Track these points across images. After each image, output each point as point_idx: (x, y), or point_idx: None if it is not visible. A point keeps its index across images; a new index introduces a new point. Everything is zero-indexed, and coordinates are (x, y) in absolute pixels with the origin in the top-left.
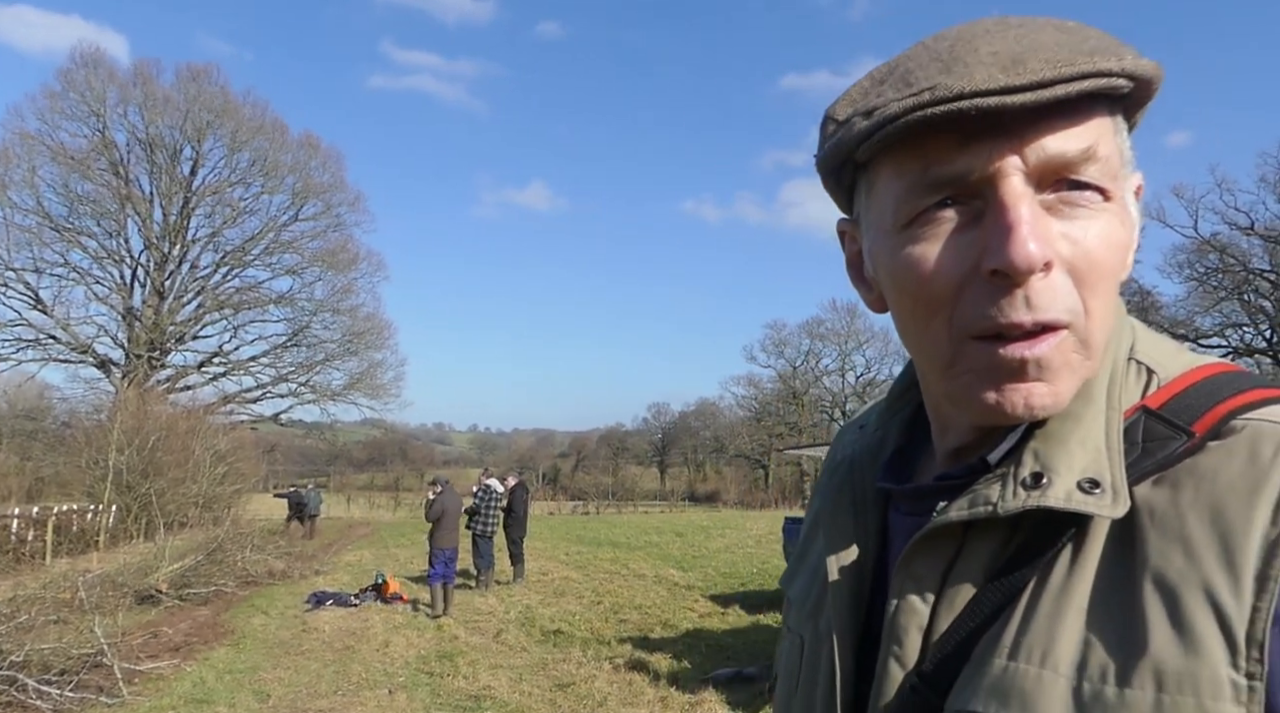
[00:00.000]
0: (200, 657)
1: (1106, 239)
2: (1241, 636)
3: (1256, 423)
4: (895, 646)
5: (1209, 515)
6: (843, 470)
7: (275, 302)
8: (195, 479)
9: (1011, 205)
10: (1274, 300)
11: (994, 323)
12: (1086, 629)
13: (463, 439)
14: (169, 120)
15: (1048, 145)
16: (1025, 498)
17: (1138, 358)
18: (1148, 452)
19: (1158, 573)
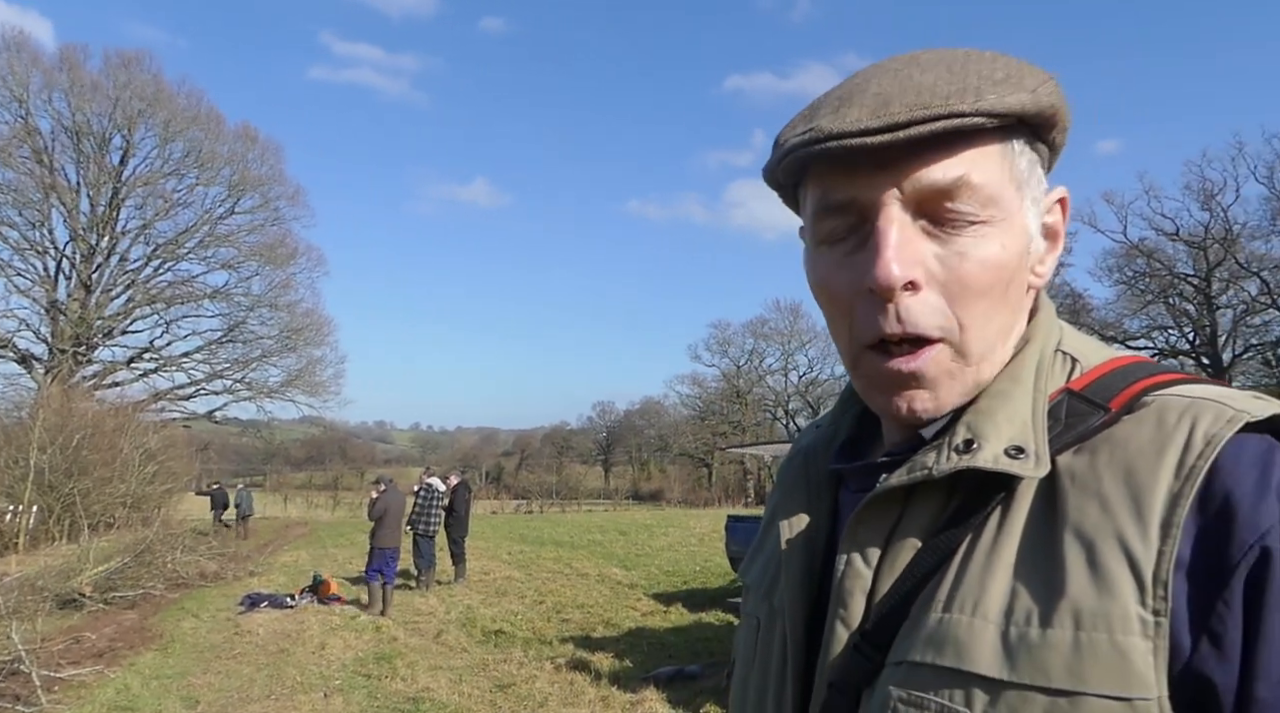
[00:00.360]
0: (126, 663)
1: (980, 261)
2: (1149, 577)
3: (1165, 397)
4: (841, 609)
5: (1122, 475)
6: (798, 460)
7: (210, 296)
8: (123, 479)
9: (882, 231)
10: (1196, 304)
11: (875, 333)
12: (1014, 580)
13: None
14: (97, 108)
15: (920, 177)
16: (957, 460)
17: (1064, 350)
18: (1070, 426)
19: (1077, 526)
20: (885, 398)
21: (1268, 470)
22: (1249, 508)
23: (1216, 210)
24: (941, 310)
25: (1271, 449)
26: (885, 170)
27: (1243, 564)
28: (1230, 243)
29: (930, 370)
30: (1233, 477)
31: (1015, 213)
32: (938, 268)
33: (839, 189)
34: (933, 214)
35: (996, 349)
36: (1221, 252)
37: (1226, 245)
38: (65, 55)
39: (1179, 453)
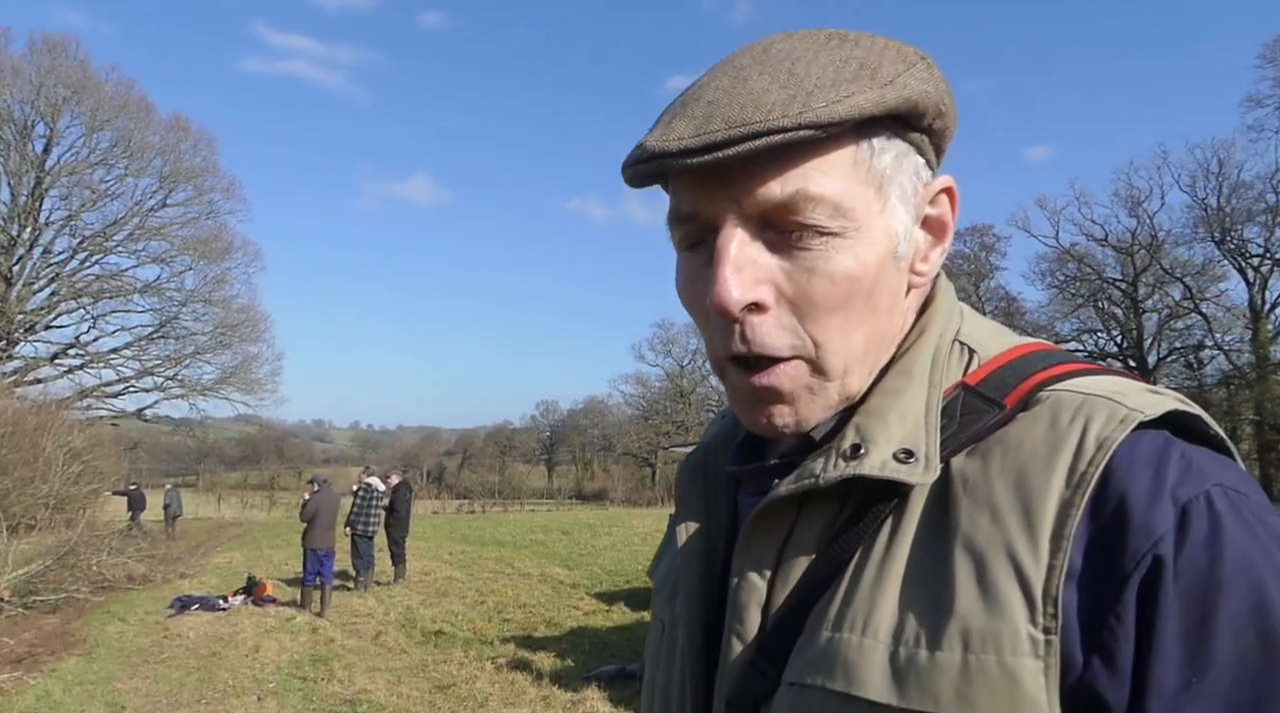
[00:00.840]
0: (46, 668)
1: (830, 277)
2: (1039, 593)
3: (1059, 392)
4: (736, 623)
5: (1013, 481)
6: (696, 456)
7: (140, 291)
8: (45, 479)
9: (720, 250)
10: (1124, 308)
11: (726, 350)
12: (904, 596)
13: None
14: (19, 94)
15: (756, 193)
16: (844, 467)
17: (961, 340)
18: (964, 425)
19: (967, 538)
20: (746, 411)
21: (1161, 471)
22: (1141, 514)
23: (1143, 217)
24: (792, 329)
25: (1166, 447)
26: (721, 186)
27: (1135, 575)
28: (1156, 249)
29: (787, 386)
30: (1126, 480)
31: (873, 218)
32: (786, 284)
33: (681, 202)
34: (778, 227)
35: (864, 361)
36: (1147, 257)
37: (1152, 251)
38: None
39: (1070, 458)
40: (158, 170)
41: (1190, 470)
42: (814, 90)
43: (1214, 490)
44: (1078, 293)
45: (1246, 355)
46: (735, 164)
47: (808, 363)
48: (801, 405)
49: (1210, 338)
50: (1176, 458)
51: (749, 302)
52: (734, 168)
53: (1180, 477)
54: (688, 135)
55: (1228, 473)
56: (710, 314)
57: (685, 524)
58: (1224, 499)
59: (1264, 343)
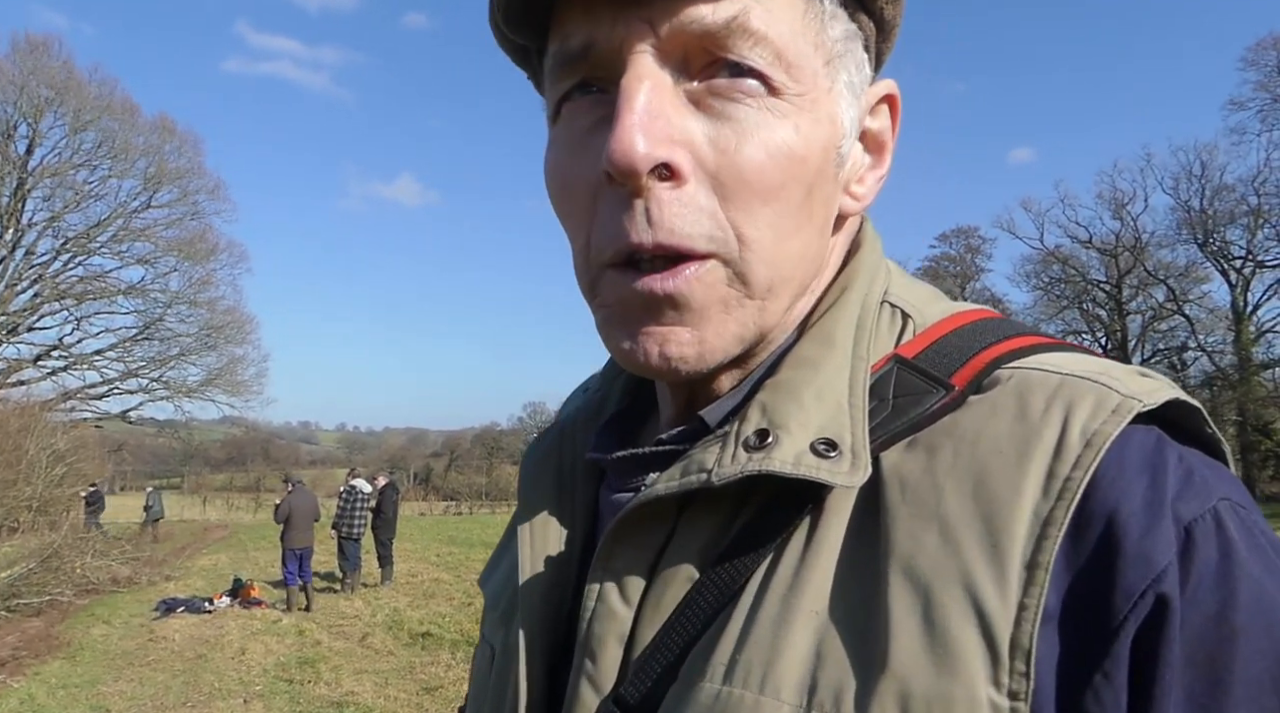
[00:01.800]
0: (30, 672)
1: (768, 145)
2: (1006, 642)
3: (1025, 371)
4: (589, 661)
5: (970, 487)
6: (549, 438)
7: (124, 292)
8: (29, 481)
9: (627, 89)
10: (1108, 310)
11: (617, 243)
12: (819, 639)
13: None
14: (1, 94)
15: (681, 12)
16: (746, 461)
17: (891, 301)
18: (899, 409)
19: (908, 562)
20: (629, 337)
21: (1159, 479)
22: (1139, 537)
23: (1127, 219)
24: (711, 213)
25: (1161, 448)
26: (635, 3)
27: (1130, 620)
28: (1139, 251)
29: (697, 295)
30: (1116, 490)
31: (822, 93)
32: (708, 151)
33: (576, 31)
34: (703, 72)
35: (791, 283)
36: (1131, 259)
37: (1136, 253)
38: None
39: (1049, 459)
40: (142, 171)
41: (1193, 480)
42: None
43: (1222, 507)
44: (1062, 295)
45: (1229, 357)
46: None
47: (726, 266)
48: (710, 329)
49: (1194, 339)
50: (1175, 463)
51: (660, 159)
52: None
53: (1181, 488)
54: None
55: (1232, 485)
56: (598, 193)
57: (529, 525)
58: (1234, 519)
59: (1246, 344)
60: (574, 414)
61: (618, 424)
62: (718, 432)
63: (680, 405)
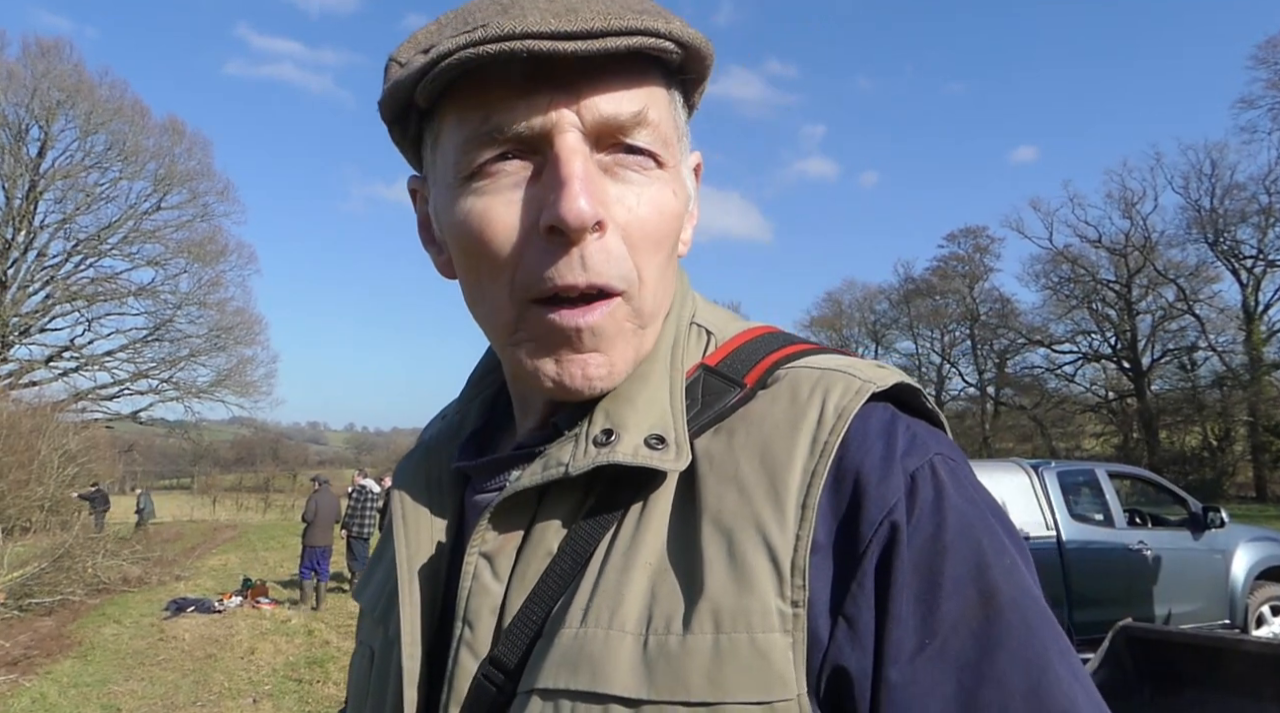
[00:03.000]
0: (42, 671)
1: (659, 206)
2: (788, 565)
3: (796, 370)
4: (467, 631)
5: (758, 455)
6: (416, 456)
7: (135, 294)
8: (41, 481)
9: (566, 160)
10: (1118, 310)
11: (551, 284)
12: (653, 583)
13: (338, 439)
14: (13, 97)
15: (601, 104)
16: (595, 455)
17: (698, 322)
18: (707, 405)
19: (715, 515)
20: (555, 364)
21: (891, 440)
22: (877, 482)
23: (1136, 219)
24: (623, 258)
25: (894, 419)
26: (564, 92)
27: (874, 543)
28: (1149, 251)
29: (608, 327)
30: (861, 450)
31: (680, 163)
32: (619, 210)
33: (507, 109)
34: (611, 150)
35: (660, 313)
36: (1141, 259)
37: (1145, 253)
38: None
39: (813, 429)
40: (152, 173)
41: (916, 441)
42: (657, 9)
43: (936, 460)
44: (1071, 294)
45: (1240, 357)
46: (585, 69)
47: (629, 303)
48: (617, 353)
49: (1204, 339)
50: (903, 430)
51: (598, 217)
52: (581, 75)
53: (908, 447)
54: (553, 22)
55: (944, 444)
56: (528, 241)
57: (404, 531)
58: (945, 467)
59: (1257, 344)
60: (436, 435)
61: (476, 440)
62: (569, 434)
63: (543, 416)
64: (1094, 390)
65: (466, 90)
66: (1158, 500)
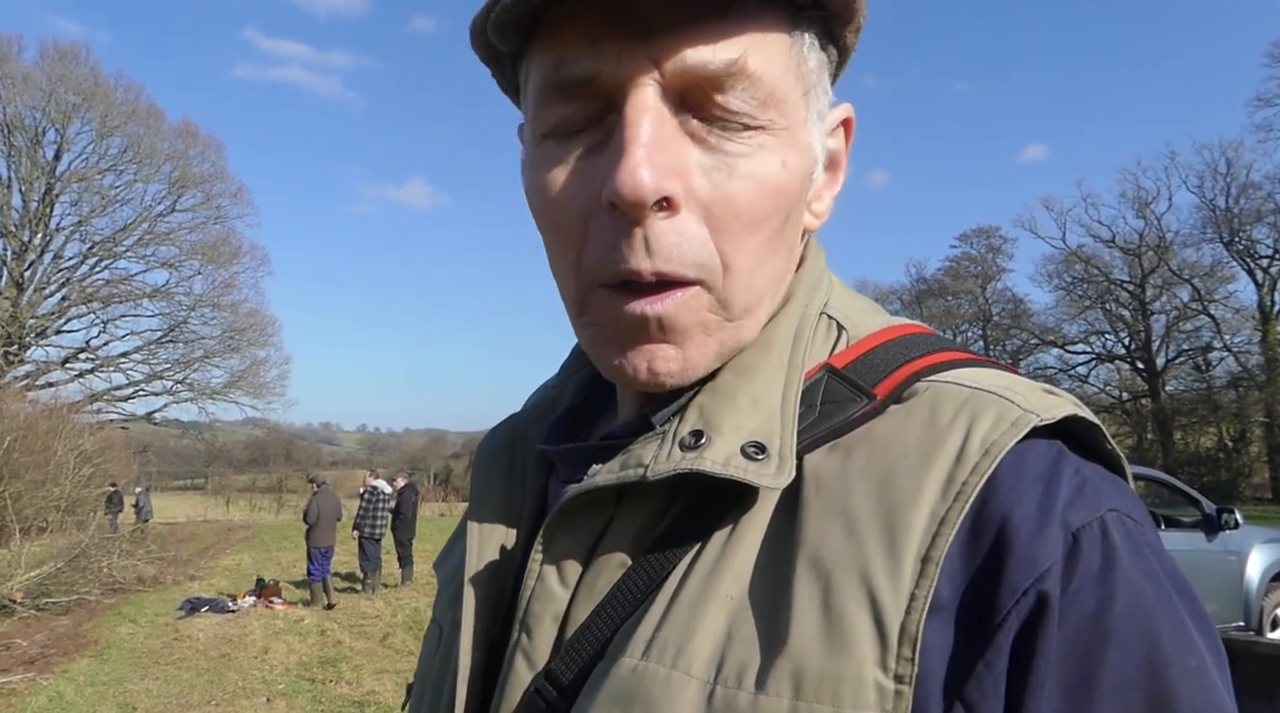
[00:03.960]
0: (59, 669)
1: (757, 180)
2: (894, 629)
3: (940, 385)
4: (526, 637)
5: (877, 486)
6: (503, 432)
7: (150, 296)
8: (57, 481)
9: (631, 122)
10: (1132, 310)
11: (614, 268)
12: (731, 621)
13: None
14: (30, 101)
15: (687, 54)
16: (680, 459)
17: (830, 313)
18: (825, 415)
19: (814, 553)
20: (619, 353)
21: (1052, 489)
22: (1026, 540)
23: (1151, 218)
24: (702, 242)
25: (1059, 460)
26: (642, 40)
27: (1013, 615)
28: (1163, 250)
29: (682, 318)
30: (1012, 497)
31: (800, 124)
32: (701, 183)
33: (578, 59)
34: (699, 109)
35: (764, 302)
36: (1155, 259)
37: (1160, 253)
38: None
39: (950, 464)
40: (167, 176)
41: (1085, 491)
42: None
43: (1110, 517)
44: (1085, 295)
45: (1256, 357)
46: (667, 13)
47: (710, 292)
48: (693, 348)
49: (1219, 340)
50: (1070, 475)
51: (665, 192)
52: (659, 15)
53: (1073, 497)
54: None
55: (1124, 497)
56: (592, 216)
57: (479, 511)
58: (1120, 529)
59: (1274, 344)
60: (530, 409)
61: (569, 419)
62: (658, 430)
63: (637, 405)
64: (1108, 391)
65: (545, 31)
66: (1171, 502)
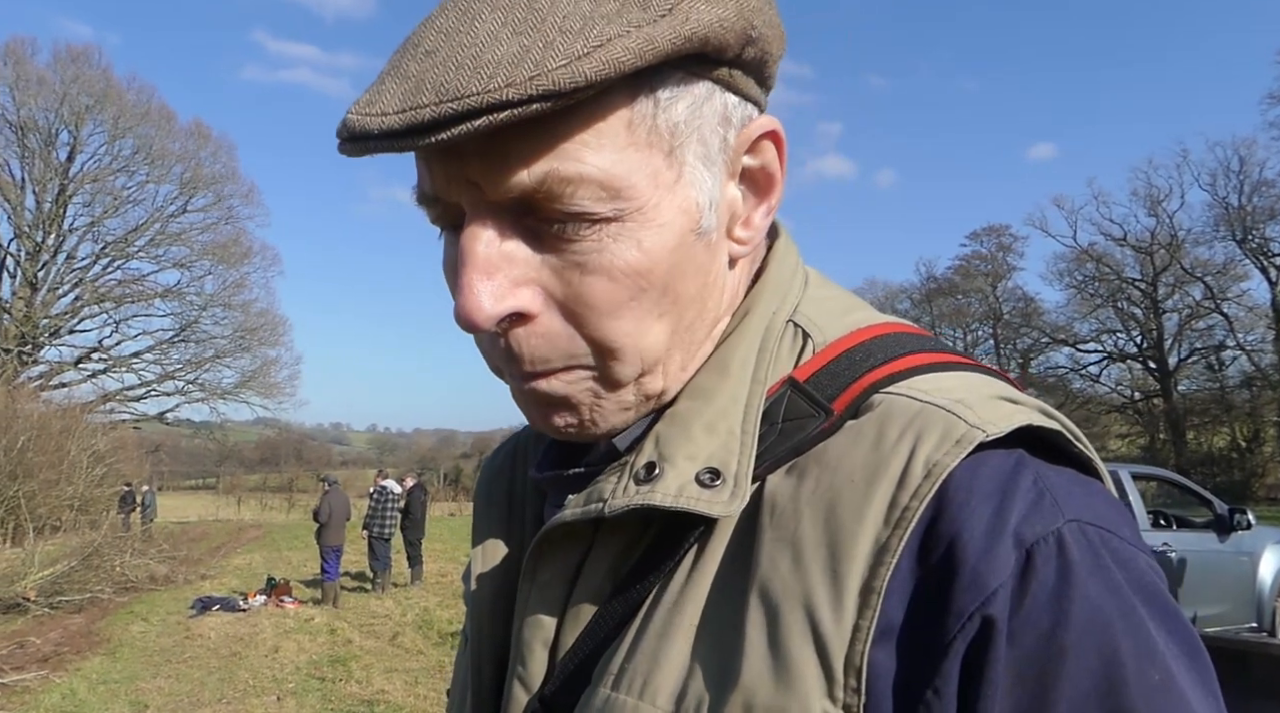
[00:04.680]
0: (72, 667)
1: (610, 273)
2: (839, 661)
3: (893, 397)
4: (520, 665)
5: (823, 512)
6: (502, 453)
7: (161, 296)
8: (70, 480)
9: (465, 251)
10: (1144, 309)
11: (493, 362)
12: (693, 652)
13: (361, 439)
14: (43, 103)
15: (498, 179)
16: (634, 494)
17: (796, 320)
18: (785, 434)
19: (764, 584)
20: (528, 412)
21: (1005, 505)
22: (974, 561)
23: (1162, 217)
24: (568, 337)
25: (1016, 471)
26: (458, 166)
27: (959, 639)
28: (1175, 249)
29: (562, 390)
30: (961, 516)
31: (663, 192)
32: (555, 284)
33: (423, 180)
34: (538, 214)
35: (670, 358)
36: (1167, 257)
37: (1172, 251)
38: (10, 49)
39: (892, 488)
40: (178, 177)
41: (1043, 502)
42: (555, 39)
43: (1068, 529)
44: (1096, 293)
45: (1269, 356)
46: (472, 139)
47: (589, 370)
48: (585, 410)
49: (1232, 339)
50: (1028, 485)
51: (504, 313)
52: (468, 144)
53: (1029, 510)
54: (391, 110)
55: (1091, 502)
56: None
57: (483, 535)
58: (1079, 540)
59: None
60: (530, 431)
61: (562, 444)
62: (621, 460)
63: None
64: (1119, 390)
65: None
66: (1183, 502)
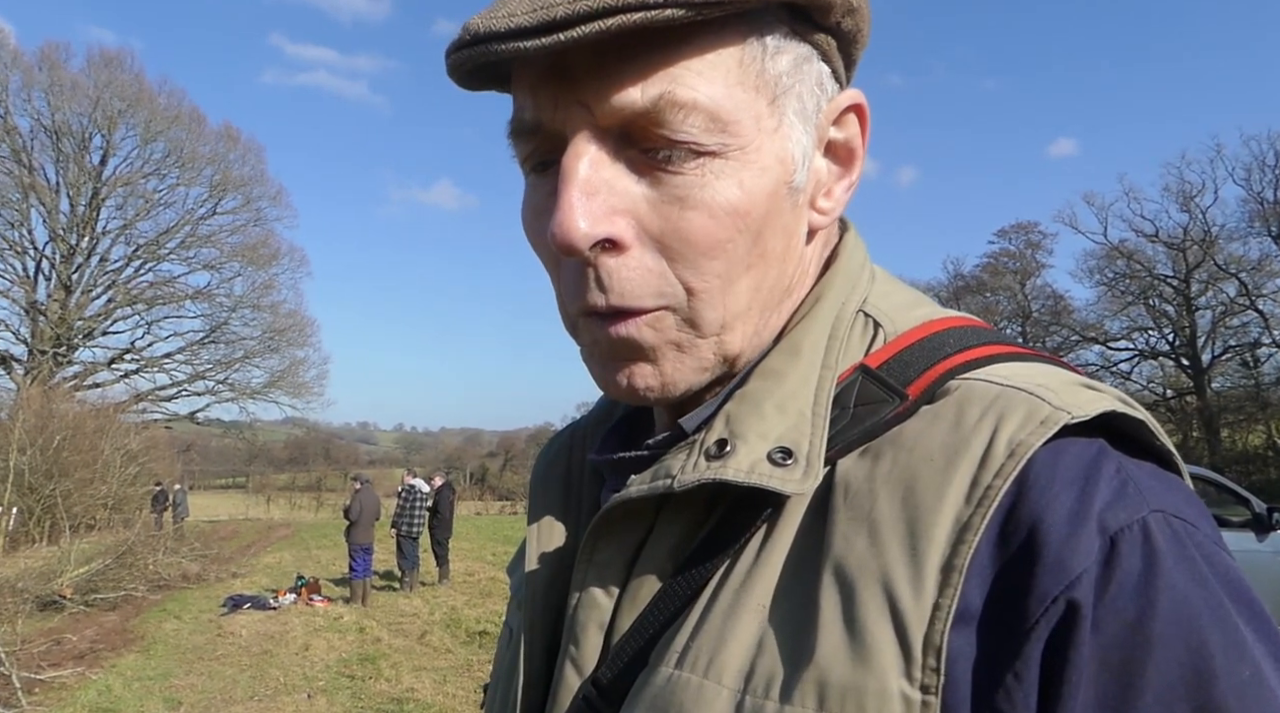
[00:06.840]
0: (107, 664)
1: (708, 209)
2: (918, 640)
3: (970, 383)
4: (573, 646)
5: (901, 492)
6: (561, 440)
7: (192, 297)
8: (104, 480)
9: (567, 171)
10: (1176, 306)
11: (579, 303)
12: (762, 630)
13: (388, 438)
14: (77, 107)
15: (610, 97)
16: (705, 469)
17: (867, 310)
18: (857, 418)
19: (839, 562)
20: (604, 371)
21: (1089, 491)
22: (1057, 545)
23: (1195, 212)
24: (659, 274)
25: (1099, 459)
26: (568, 86)
27: (1042, 623)
28: (1209, 245)
29: (649, 339)
30: (1044, 500)
31: (764, 136)
32: (652, 217)
33: (524, 107)
34: (642, 143)
35: (749, 316)
36: (1200, 253)
37: (1205, 247)
38: (46, 54)
39: (974, 467)
40: (208, 179)
41: (1125, 491)
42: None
43: (1153, 518)
44: (1127, 290)
45: None
46: (583, 57)
47: (675, 314)
48: (668, 364)
49: (1268, 335)
50: (1110, 474)
51: (600, 236)
52: (582, 62)
53: (1113, 497)
54: (521, 11)
55: (1173, 495)
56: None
57: (537, 520)
58: (1165, 530)
59: None
60: (589, 418)
61: (623, 428)
62: (689, 439)
63: (670, 413)
64: (1151, 388)
65: (512, 78)
66: (1219, 501)
